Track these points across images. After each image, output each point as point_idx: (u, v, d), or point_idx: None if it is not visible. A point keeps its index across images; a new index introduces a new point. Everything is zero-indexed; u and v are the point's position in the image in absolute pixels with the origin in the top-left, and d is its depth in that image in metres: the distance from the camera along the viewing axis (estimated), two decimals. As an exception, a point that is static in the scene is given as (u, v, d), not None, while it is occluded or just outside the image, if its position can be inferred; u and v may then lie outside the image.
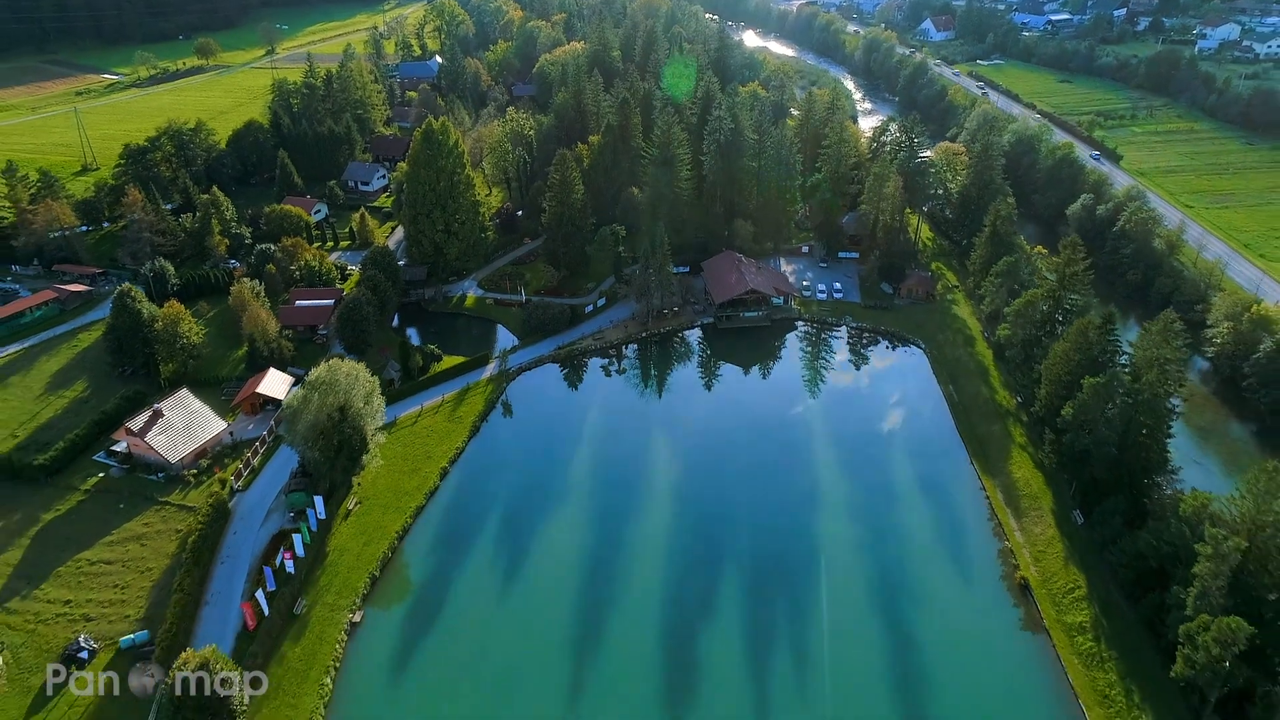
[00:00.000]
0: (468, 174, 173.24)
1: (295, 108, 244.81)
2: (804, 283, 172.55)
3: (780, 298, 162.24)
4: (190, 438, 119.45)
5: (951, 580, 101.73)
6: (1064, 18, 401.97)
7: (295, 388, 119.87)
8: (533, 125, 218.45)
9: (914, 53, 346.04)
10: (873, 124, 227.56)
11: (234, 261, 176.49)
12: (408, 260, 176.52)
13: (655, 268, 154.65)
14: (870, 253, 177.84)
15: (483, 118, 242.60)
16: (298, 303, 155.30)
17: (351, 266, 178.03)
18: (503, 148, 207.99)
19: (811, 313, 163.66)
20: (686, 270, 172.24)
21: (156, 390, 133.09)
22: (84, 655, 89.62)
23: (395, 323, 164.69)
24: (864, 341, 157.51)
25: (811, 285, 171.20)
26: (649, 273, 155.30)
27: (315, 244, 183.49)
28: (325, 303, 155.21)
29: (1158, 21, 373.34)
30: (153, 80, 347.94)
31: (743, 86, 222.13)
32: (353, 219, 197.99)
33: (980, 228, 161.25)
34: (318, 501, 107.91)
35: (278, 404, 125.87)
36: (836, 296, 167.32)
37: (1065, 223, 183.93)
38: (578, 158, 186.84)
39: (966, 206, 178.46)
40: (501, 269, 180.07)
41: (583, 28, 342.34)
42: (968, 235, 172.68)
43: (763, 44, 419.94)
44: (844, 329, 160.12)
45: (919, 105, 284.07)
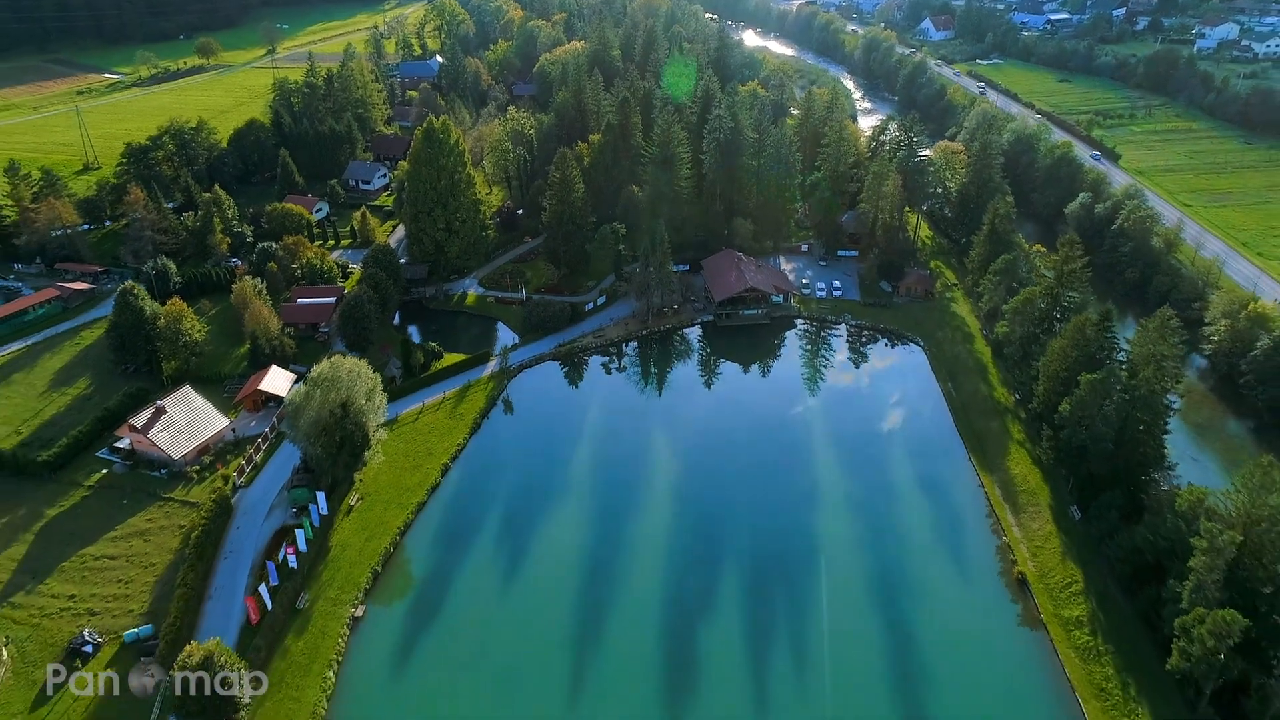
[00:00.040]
0: (469, 173, 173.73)
1: (296, 107, 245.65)
2: (803, 281, 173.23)
3: (780, 296, 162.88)
4: (193, 434, 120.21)
5: (949, 576, 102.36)
6: (1063, 17, 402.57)
7: (297, 385, 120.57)
8: (533, 124, 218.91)
9: (913, 52, 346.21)
10: (872, 123, 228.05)
11: (236, 260, 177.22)
12: (409, 258, 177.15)
13: (655, 266, 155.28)
14: (869, 251, 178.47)
15: (483, 117, 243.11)
16: (299, 301, 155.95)
17: (353, 265, 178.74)
18: (503, 147, 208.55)
19: (811, 311, 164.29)
20: (686, 268, 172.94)
21: (159, 387, 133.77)
22: (88, 649, 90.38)
23: (396, 320, 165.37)
24: (863, 339, 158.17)
25: (811, 283, 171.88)
26: (649, 271, 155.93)
27: (316, 242, 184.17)
28: (327, 301, 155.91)
29: (1156, 21, 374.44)
30: (154, 80, 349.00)
31: (742, 86, 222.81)
32: (354, 217, 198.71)
33: (979, 226, 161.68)
34: (320, 497, 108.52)
35: (280, 401, 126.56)
36: (836, 294, 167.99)
37: (1064, 221, 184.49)
38: (578, 156, 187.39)
39: (965, 205, 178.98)
40: (502, 267, 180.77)
41: (583, 27, 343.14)
42: (966, 234, 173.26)
43: (762, 43, 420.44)
44: (843, 327, 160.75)
45: (918, 104, 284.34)
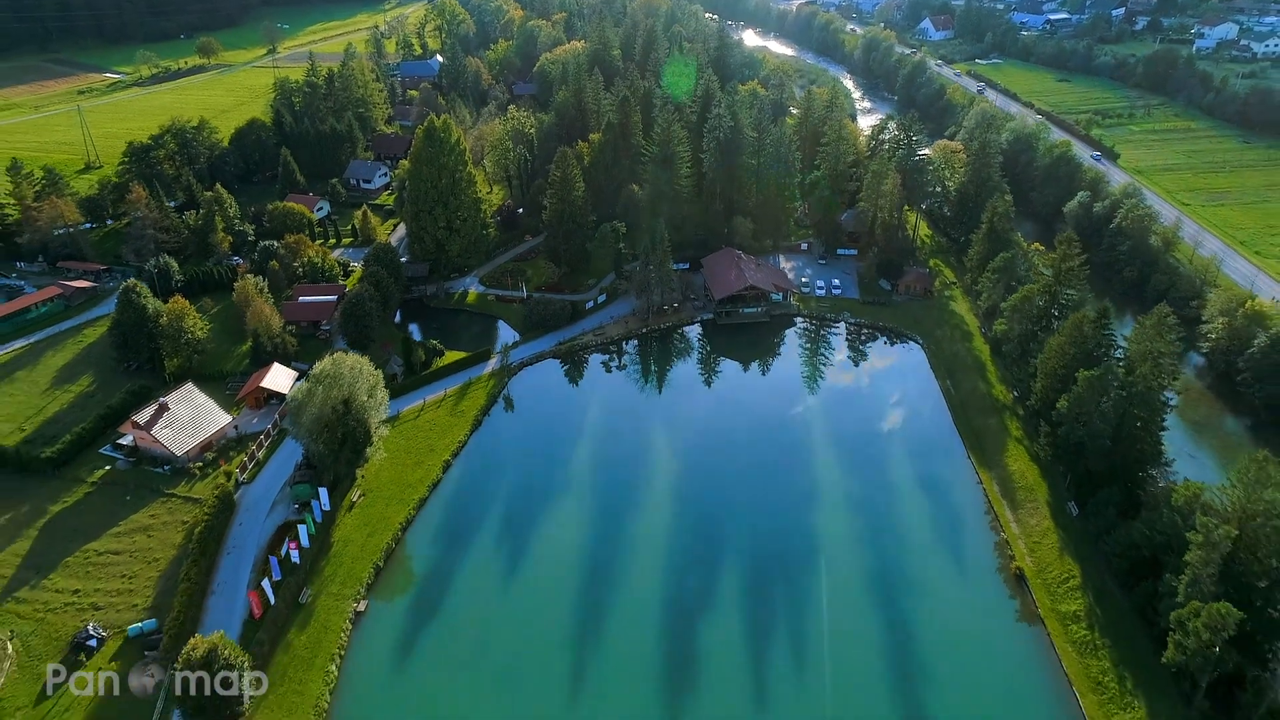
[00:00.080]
0: (469, 171, 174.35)
1: (297, 106, 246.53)
2: (803, 279, 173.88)
3: (779, 294, 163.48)
4: (196, 431, 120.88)
5: (948, 571, 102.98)
6: (1062, 17, 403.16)
7: (299, 382, 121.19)
8: (533, 123, 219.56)
9: (913, 52, 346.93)
10: (871, 122, 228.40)
11: (237, 258, 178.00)
12: (410, 257, 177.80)
13: (655, 264, 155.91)
14: (869, 249, 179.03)
15: (484, 116, 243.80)
16: (301, 299, 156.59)
17: (354, 263, 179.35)
18: (504, 146, 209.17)
19: (810, 309, 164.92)
20: (686, 267, 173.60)
21: (162, 385, 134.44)
22: (93, 643, 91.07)
23: (398, 319, 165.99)
24: (862, 337, 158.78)
25: (810, 282, 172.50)
26: (649, 269, 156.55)
27: (318, 241, 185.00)
28: (328, 299, 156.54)
29: (1156, 21, 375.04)
30: (154, 79, 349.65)
31: (742, 85, 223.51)
32: (355, 216, 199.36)
33: (978, 225, 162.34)
34: (322, 493, 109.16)
35: (282, 398, 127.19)
36: (835, 293, 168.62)
37: (1062, 220, 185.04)
38: (578, 155, 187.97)
39: (964, 204, 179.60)
40: (503, 265, 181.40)
41: (583, 27, 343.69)
42: (965, 232, 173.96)
43: (762, 43, 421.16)
44: (842, 325, 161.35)
45: (917, 104, 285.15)
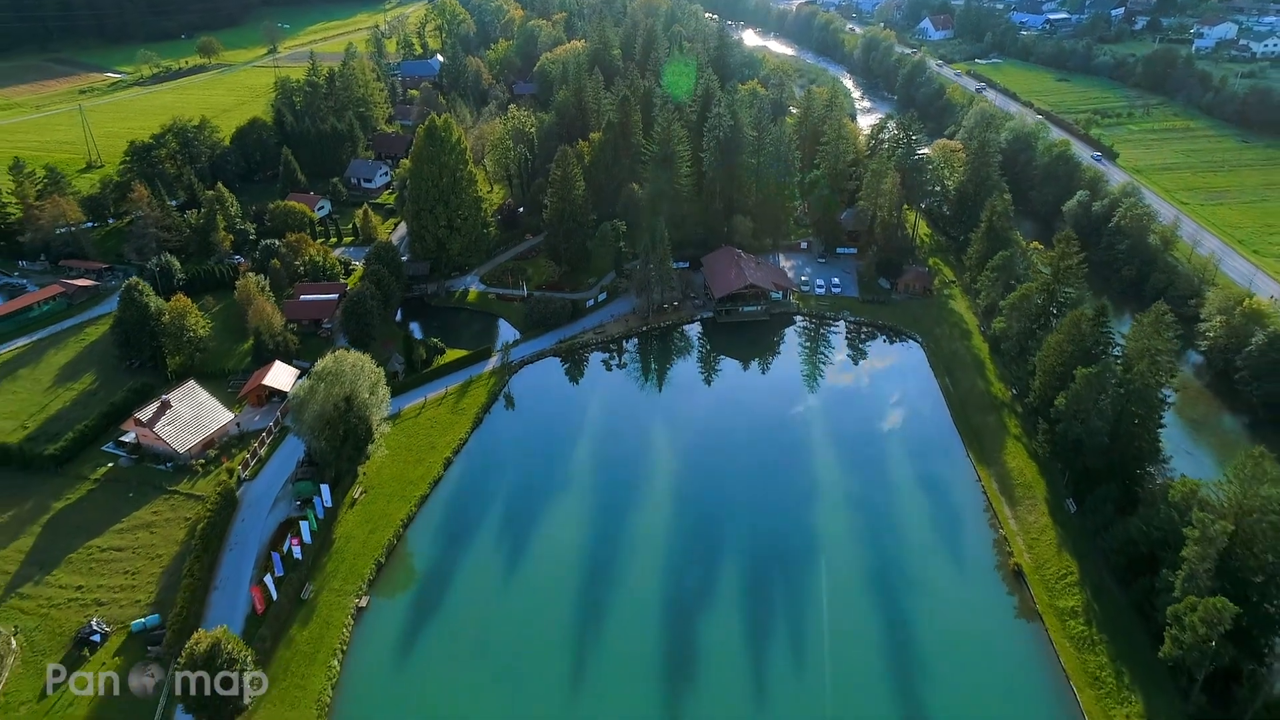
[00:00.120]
0: (470, 170, 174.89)
1: (298, 105, 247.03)
2: (802, 278, 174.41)
3: (779, 293, 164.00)
4: (198, 428, 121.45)
5: (947, 568, 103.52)
6: (1062, 17, 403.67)
7: (300, 380, 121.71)
8: (534, 123, 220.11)
9: (913, 52, 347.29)
10: (871, 122, 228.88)
11: (239, 257, 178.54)
12: (411, 255, 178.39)
13: (655, 263, 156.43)
14: (868, 248, 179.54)
15: (484, 116, 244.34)
16: (302, 297, 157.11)
17: (355, 262, 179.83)
18: (504, 145, 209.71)
19: (810, 307, 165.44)
20: (686, 265, 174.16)
21: (164, 382, 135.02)
22: (96, 639, 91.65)
23: (398, 317, 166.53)
24: (862, 336, 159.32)
25: (810, 280, 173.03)
26: (649, 268, 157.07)
27: (319, 240, 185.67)
28: (329, 297, 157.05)
29: (1155, 21, 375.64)
30: (155, 79, 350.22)
31: (742, 85, 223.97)
32: (356, 215, 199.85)
33: (977, 223, 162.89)
34: (324, 490, 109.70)
35: (283, 396, 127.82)
36: (834, 291, 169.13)
37: (1061, 219, 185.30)
38: (579, 155, 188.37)
39: (963, 203, 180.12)
40: (503, 264, 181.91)
41: (583, 26, 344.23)
42: (964, 231, 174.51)
43: (762, 43, 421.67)
44: (842, 323, 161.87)
45: (917, 103, 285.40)
